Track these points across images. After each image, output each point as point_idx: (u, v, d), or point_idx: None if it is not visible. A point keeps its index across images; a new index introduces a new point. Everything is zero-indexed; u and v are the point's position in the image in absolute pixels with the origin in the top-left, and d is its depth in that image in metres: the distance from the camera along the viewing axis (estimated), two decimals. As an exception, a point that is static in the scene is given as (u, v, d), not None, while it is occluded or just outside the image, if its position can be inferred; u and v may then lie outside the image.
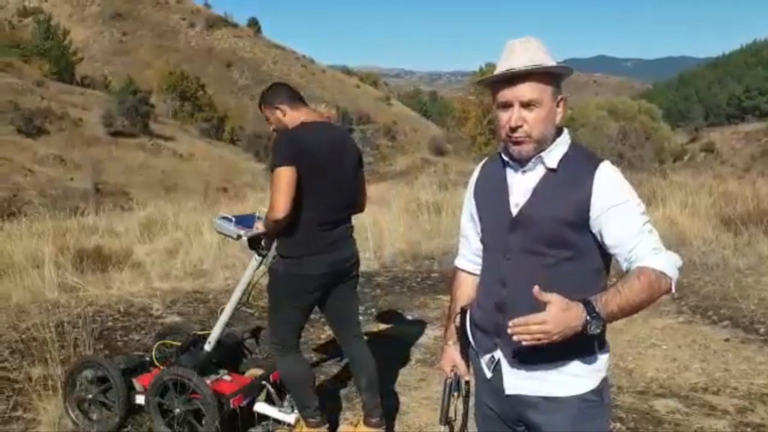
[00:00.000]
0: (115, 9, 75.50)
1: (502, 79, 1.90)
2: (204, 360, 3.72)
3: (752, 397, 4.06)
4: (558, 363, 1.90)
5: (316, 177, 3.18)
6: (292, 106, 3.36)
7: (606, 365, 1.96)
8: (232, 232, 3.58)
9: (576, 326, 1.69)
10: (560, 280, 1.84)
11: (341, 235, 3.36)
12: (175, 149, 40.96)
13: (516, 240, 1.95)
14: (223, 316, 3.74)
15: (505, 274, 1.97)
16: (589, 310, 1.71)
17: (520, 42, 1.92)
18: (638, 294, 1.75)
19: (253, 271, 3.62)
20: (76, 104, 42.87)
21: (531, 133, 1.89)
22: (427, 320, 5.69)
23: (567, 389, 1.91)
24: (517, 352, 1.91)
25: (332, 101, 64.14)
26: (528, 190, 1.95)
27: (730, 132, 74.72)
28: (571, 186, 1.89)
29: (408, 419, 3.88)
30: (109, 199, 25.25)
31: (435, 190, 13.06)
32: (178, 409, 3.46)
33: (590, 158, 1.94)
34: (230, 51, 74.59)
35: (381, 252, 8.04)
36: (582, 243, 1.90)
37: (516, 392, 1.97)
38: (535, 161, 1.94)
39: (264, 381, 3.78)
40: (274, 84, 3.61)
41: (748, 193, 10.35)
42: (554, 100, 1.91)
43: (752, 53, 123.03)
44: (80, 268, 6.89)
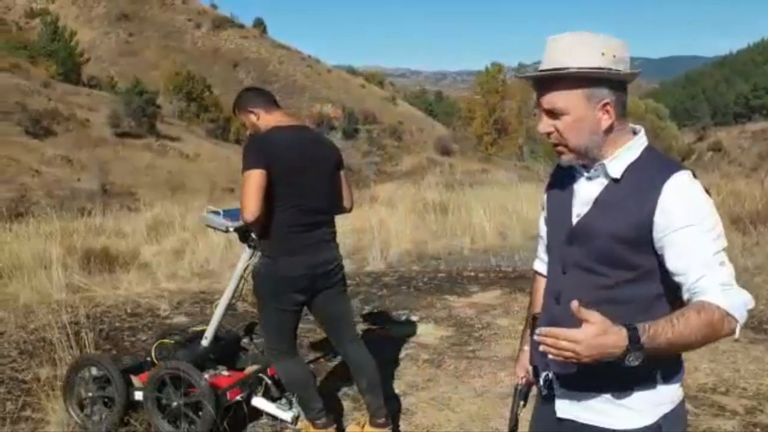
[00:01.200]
0: (122, 10, 75.74)
1: (532, 81, 1.75)
2: (201, 355, 3.74)
3: (761, 398, 4.04)
4: (611, 392, 1.72)
5: (288, 179, 3.23)
6: (266, 110, 3.41)
7: (671, 399, 1.74)
8: (220, 225, 3.61)
9: (613, 354, 1.49)
10: (618, 304, 1.67)
11: (320, 237, 3.38)
12: (181, 150, 41.06)
13: (573, 254, 1.77)
14: (218, 311, 3.77)
15: (560, 290, 1.80)
16: (632, 339, 1.48)
17: (557, 39, 1.70)
18: (695, 331, 1.51)
19: (244, 263, 3.63)
20: (82, 105, 43.01)
21: (565, 143, 1.72)
22: (434, 320, 5.69)
23: (620, 422, 1.72)
24: (569, 374, 1.74)
25: (338, 101, 64.22)
26: (590, 200, 1.75)
27: (738, 131, 74.46)
28: (634, 199, 1.66)
29: (416, 419, 3.87)
30: (115, 200, 25.28)
31: (441, 190, 13.05)
32: (176, 403, 3.48)
33: (663, 167, 1.67)
34: (236, 51, 74.72)
35: (387, 252, 8.04)
36: (647, 264, 1.68)
37: (566, 416, 1.82)
38: (598, 168, 1.74)
39: (261, 374, 3.80)
40: (248, 88, 3.68)
41: (757, 192, 10.30)
42: (591, 105, 1.67)
43: (760, 51, 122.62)
44: (87, 268, 6.92)
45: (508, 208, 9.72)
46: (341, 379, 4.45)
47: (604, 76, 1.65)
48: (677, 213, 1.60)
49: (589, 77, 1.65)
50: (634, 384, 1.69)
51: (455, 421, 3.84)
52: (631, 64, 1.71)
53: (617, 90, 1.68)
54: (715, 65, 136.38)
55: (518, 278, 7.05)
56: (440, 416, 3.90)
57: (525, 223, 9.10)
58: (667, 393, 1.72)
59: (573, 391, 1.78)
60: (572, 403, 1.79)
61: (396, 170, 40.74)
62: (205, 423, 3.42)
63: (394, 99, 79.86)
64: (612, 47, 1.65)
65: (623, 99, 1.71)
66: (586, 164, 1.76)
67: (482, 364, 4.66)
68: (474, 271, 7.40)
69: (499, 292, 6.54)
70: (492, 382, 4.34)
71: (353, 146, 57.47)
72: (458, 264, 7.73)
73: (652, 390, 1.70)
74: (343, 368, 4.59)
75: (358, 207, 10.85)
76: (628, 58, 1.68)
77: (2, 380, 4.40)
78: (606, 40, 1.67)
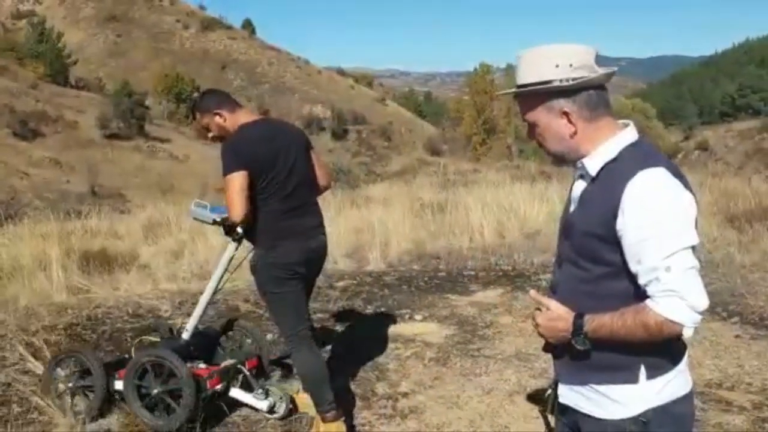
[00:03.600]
0: (109, 11, 75.31)
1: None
2: (182, 346, 3.80)
3: (767, 393, 4.08)
4: (597, 383, 1.82)
5: (268, 173, 3.39)
6: (230, 111, 3.53)
7: (658, 395, 1.78)
8: (207, 218, 3.70)
9: (564, 336, 1.79)
10: (599, 298, 1.77)
11: (310, 224, 3.59)
12: (171, 151, 40.90)
13: (564, 248, 1.90)
14: (199, 305, 3.85)
15: (556, 282, 1.96)
16: (576, 326, 1.75)
17: (521, 56, 1.82)
18: (631, 331, 1.68)
19: (229, 255, 3.72)
20: (71, 107, 42.76)
21: (546, 150, 1.89)
22: (437, 319, 5.70)
23: (605, 412, 1.82)
24: (563, 366, 1.91)
25: (328, 102, 64.16)
26: (577, 198, 1.87)
27: (724, 130, 74.96)
28: (603, 197, 1.74)
29: (426, 418, 3.87)
30: (105, 202, 25.12)
31: (436, 189, 13.08)
32: (156, 390, 3.54)
33: (633, 165, 1.71)
34: (225, 53, 74.48)
35: (387, 251, 8.04)
36: (620, 261, 1.73)
37: (567, 402, 1.93)
38: (581, 167, 1.84)
39: (240, 366, 3.87)
40: (208, 90, 3.77)
41: (748, 191, 10.40)
42: (552, 116, 1.79)
43: (744, 51, 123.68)
44: (87, 270, 6.87)
45: (505, 206, 9.74)
46: (351, 376, 4.46)
47: (552, 89, 1.75)
48: (631, 213, 1.65)
49: (544, 91, 1.77)
50: (617, 376, 1.78)
51: (465, 419, 3.85)
52: (602, 62, 1.78)
53: (577, 96, 1.76)
54: (701, 65, 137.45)
55: (518, 276, 7.08)
56: (450, 414, 3.91)
57: (522, 222, 9.14)
58: (651, 388, 1.77)
59: (570, 379, 1.90)
60: (569, 390, 1.91)
61: (386, 170, 40.72)
62: (185, 410, 3.49)
63: (384, 100, 79.89)
64: (569, 56, 1.74)
65: (592, 100, 1.77)
66: (576, 164, 1.86)
67: (488, 362, 4.68)
68: (474, 269, 7.42)
69: (500, 290, 6.56)
70: (499, 380, 4.36)
71: (343, 147, 57.47)
72: (458, 263, 7.74)
73: (635, 384, 1.76)
74: (353, 366, 4.61)
75: (355, 207, 10.86)
76: (591, 63, 1.75)
77: (8, 383, 4.36)
78: (562, 49, 1.76)
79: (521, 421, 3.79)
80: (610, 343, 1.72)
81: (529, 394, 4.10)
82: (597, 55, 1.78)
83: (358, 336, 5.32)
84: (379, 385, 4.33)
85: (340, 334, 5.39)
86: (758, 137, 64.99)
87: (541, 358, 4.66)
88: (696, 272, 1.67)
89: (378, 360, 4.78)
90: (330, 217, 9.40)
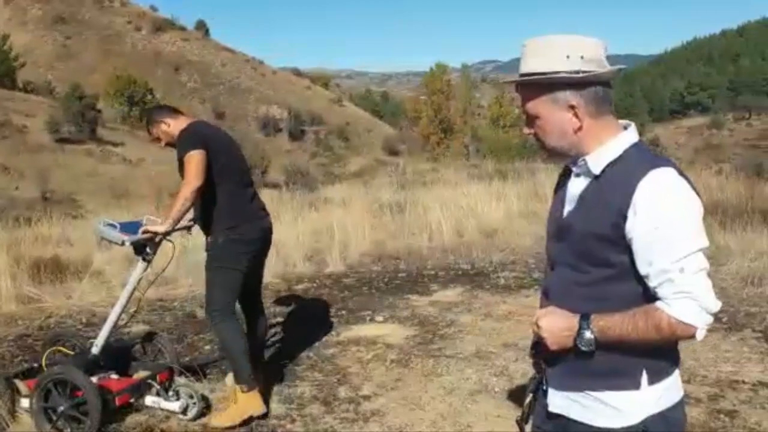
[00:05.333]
0: (58, 12, 73.53)
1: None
2: (90, 361, 3.83)
3: (722, 384, 4.16)
4: (595, 389, 1.73)
5: (223, 156, 3.78)
6: (173, 117, 3.93)
7: (657, 401, 1.71)
8: (116, 238, 3.72)
9: (567, 336, 1.68)
10: (600, 301, 1.69)
11: (262, 206, 4.05)
12: (124, 155, 40.15)
13: (559, 250, 1.81)
14: (108, 321, 3.89)
15: (549, 286, 1.87)
16: (581, 326, 1.66)
17: (528, 43, 1.73)
18: (642, 333, 1.61)
19: (139, 275, 3.84)
20: (19, 111, 41.63)
21: (543, 144, 1.78)
22: (398, 320, 5.69)
23: (602, 420, 1.73)
24: (556, 371, 1.81)
25: (284, 103, 63.76)
26: (575, 197, 1.77)
27: (674, 127, 76.92)
28: (611, 196, 1.66)
29: (388, 420, 3.85)
30: (57, 208, 24.49)
31: (395, 189, 13.09)
32: (62, 407, 3.56)
33: (642, 164, 1.64)
34: (178, 54, 73.35)
35: (346, 253, 8.00)
36: (626, 262, 1.66)
37: (557, 411, 1.83)
38: (582, 165, 1.75)
39: (151, 381, 3.89)
40: (152, 107, 4.20)
41: (700, 186, 10.63)
42: (558, 108, 1.70)
43: (693, 50, 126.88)
44: (38, 278, 6.67)
45: (463, 206, 9.80)
46: (312, 380, 4.42)
47: (562, 80, 1.66)
48: (644, 214, 1.59)
49: (551, 82, 1.67)
50: (617, 382, 1.70)
51: (427, 420, 3.84)
52: (611, 58, 1.71)
53: (585, 90, 1.68)
54: (651, 63, 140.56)
55: (477, 275, 7.12)
56: (412, 416, 3.90)
57: (480, 221, 9.20)
58: (652, 394, 1.70)
59: (562, 386, 1.80)
60: (561, 397, 1.81)
61: (345, 171, 40.65)
62: (93, 424, 3.51)
63: (340, 100, 79.76)
64: (579, 48, 1.66)
65: (599, 96, 1.70)
66: (576, 161, 1.76)
67: (449, 362, 4.68)
68: (434, 269, 7.43)
69: (459, 289, 6.59)
70: (460, 379, 4.36)
71: (300, 148, 57.16)
72: (418, 263, 7.75)
73: (636, 390, 1.69)
74: (314, 370, 4.57)
75: (314, 209, 10.79)
76: (601, 57, 1.68)
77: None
78: (573, 41, 1.68)
79: (483, 420, 3.80)
80: (614, 345, 1.65)
81: (501, 396, 4.11)
82: (606, 50, 1.71)
83: (319, 339, 5.27)
84: (341, 388, 4.30)
85: (300, 337, 5.33)
86: (707, 133, 66.83)
87: (501, 356, 4.69)
88: (707, 274, 1.62)
89: (339, 363, 4.74)
90: (288, 221, 9.34)
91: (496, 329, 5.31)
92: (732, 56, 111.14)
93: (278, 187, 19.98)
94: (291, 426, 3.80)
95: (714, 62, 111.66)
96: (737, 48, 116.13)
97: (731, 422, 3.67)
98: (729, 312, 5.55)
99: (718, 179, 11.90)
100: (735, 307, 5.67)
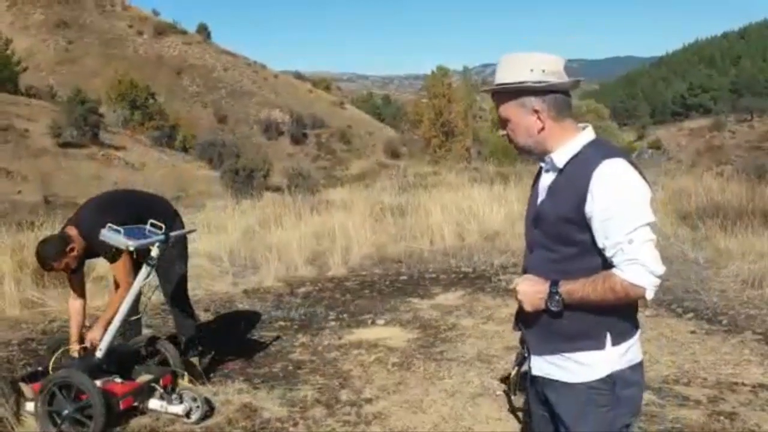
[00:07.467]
0: (60, 17, 73.61)
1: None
2: (94, 365, 3.88)
3: (722, 387, 4.18)
4: (567, 351, 2.03)
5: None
6: (78, 235, 3.99)
7: (620, 358, 2.01)
8: (121, 243, 3.76)
9: (541, 299, 1.99)
10: (569, 275, 1.98)
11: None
12: (126, 159, 40.11)
13: (536, 235, 2.12)
14: (112, 325, 3.93)
15: (528, 266, 2.16)
16: (552, 290, 1.97)
17: (501, 60, 2.07)
18: (601, 295, 1.92)
19: (143, 279, 3.93)
20: (21, 115, 41.64)
21: (515, 144, 2.13)
22: (399, 323, 5.71)
23: (575, 376, 2.03)
24: (535, 338, 2.11)
25: (286, 106, 63.78)
26: (546, 189, 2.09)
27: (676, 129, 76.81)
28: (572, 185, 1.98)
29: (390, 423, 3.87)
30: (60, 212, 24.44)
31: (396, 192, 13.10)
32: (67, 411, 3.61)
33: (597, 156, 1.96)
34: (180, 58, 73.33)
35: (348, 256, 8.02)
36: (588, 240, 1.97)
37: (538, 373, 2.14)
38: (549, 162, 2.08)
39: (154, 384, 3.94)
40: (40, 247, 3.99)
41: (701, 189, 10.66)
42: (524, 112, 2.04)
43: (694, 51, 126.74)
44: (41, 283, 6.69)
45: (464, 209, 9.82)
46: (314, 384, 4.44)
47: (527, 88, 2.00)
48: (599, 197, 1.90)
49: (518, 90, 2.02)
50: (585, 343, 2.01)
51: (429, 423, 3.86)
52: (571, 72, 2.07)
53: (547, 96, 2.01)
54: (652, 65, 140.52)
55: (478, 278, 7.14)
56: (414, 419, 3.92)
57: (482, 224, 9.22)
58: (616, 352, 2.01)
59: (540, 351, 2.11)
60: (540, 360, 2.12)
61: (346, 174, 40.62)
62: (97, 427, 3.55)
63: (342, 103, 79.69)
64: (542, 63, 2.00)
65: (559, 102, 2.03)
66: (543, 158, 2.10)
67: (450, 365, 4.70)
68: (435, 272, 7.46)
69: (461, 292, 6.61)
70: (462, 383, 4.38)
71: (302, 151, 57.12)
72: (419, 266, 7.77)
73: (602, 350, 2.00)
74: (316, 373, 4.58)
75: (315, 213, 10.80)
76: (560, 71, 2.02)
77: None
78: (537, 57, 2.02)
79: (485, 423, 3.82)
80: (580, 308, 1.96)
81: (503, 399, 4.12)
82: (566, 65, 2.05)
83: (320, 343, 5.30)
84: (343, 392, 4.32)
85: (303, 341, 5.36)
86: (709, 135, 66.76)
87: (503, 359, 4.71)
88: (653, 244, 1.93)
89: (341, 366, 4.77)
90: (290, 224, 9.37)
91: (498, 332, 5.32)
92: (733, 58, 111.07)
93: (280, 190, 20.01)
94: (293, 429, 3.83)
95: (716, 64, 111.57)
96: (739, 50, 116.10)
97: (731, 424, 3.69)
98: (729, 314, 5.58)
99: (719, 181, 11.91)
100: (735, 310, 5.70)
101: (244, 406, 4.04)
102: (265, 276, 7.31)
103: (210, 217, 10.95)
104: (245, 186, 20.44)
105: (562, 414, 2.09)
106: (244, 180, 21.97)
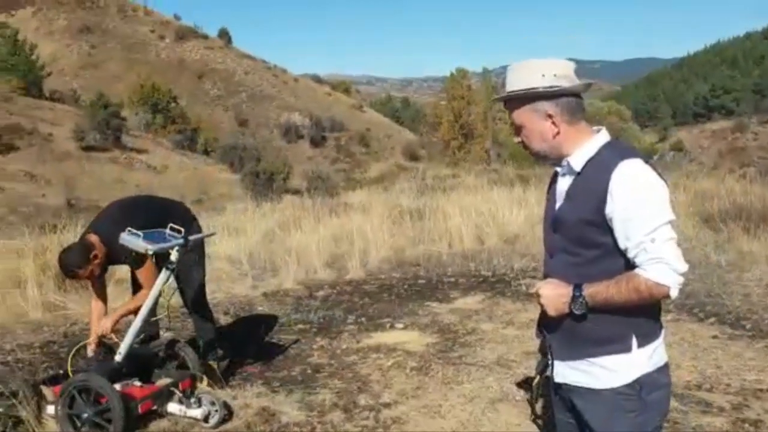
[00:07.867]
0: (83, 22, 74.49)
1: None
2: (114, 369, 3.90)
3: (746, 393, 4.11)
4: (592, 355, 2.02)
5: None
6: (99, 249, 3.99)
7: (647, 362, 2.00)
8: (140, 247, 3.79)
9: (564, 303, 1.98)
10: (591, 277, 1.97)
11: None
12: (148, 162, 40.49)
13: (556, 240, 2.11)
14: (132, 328, 3.97)
15: (549, 272, 2.15)
16: (575, 293, 1.95)
17: (511, 67, 2.09)
18: (625, 295, 1.90)
19: (162, 282, 3.96)
20: (45, 119, 42.20)
21: (529, 149, 2.13)
22: (418, 327, 5.69)
23: (602, 382, 2.01)
24: (559, 343, 2.10)
25: (305, 110, 63.98)
26: (563, 193, 2.09)
27: (698, 130, 75.95)
28: (592, 187, 1.97)
29: (408, 428, 3.85)
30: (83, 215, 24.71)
31: (415, 195, 13.09)
32: (86, 414, 3.63)
33: (614, 157, 1.96)
34: (201, 62, 73.86)
35: (366, 259, 8.02)
36: (610, 242, 1.97)
37: (562, 380, 2.12)
38: (566, 166, 2.08)
39: (173, 388, 3.94)
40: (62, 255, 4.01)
41: (724, 191, 10.52)
42: (537, 117, 2.05)
43: (716, 53, 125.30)
44: (63, 286, 6.76)
45: (483, 212, 9.77)
46: (333, 388, 4.43)
47: (539, 93, 2.01)
48: (618, 198, 1.90)
49: (530, 95, 2.03)
50: (611, 347, 1.99)
51: (447, 428, 3.84)
52: (589, 73, 1.92)
53: (560, 100, 2.02)
54: (674, 67, 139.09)
55: (498, 282, 7.10)
56: (432, 424, 3.90)
57: (501, 227, 9.16)
58: (643, 356, 1.99)
59: (565, 357, 2.09)
60: (564, 366, 2.10)
61: (365, 177, 40.66)
62: (117, 430, 3.57)
63: (361, 106, 79.80)
64: (552, 68, 2.02)
65: (572, 105, 2.04)
66: (559, 163, 2.10)
67: (470, 369, 4.67)
68: (454, 276, 7.43)
69: (480, 296, 6.57)
70: (481, 388, 4.35)
71: (321, 154, 57.30)
72: (438, 269, 7.75)
73: (628, 353, 1.98)
74: (334, 377, 4.58)
75: (334, 215, 10.81)
76: (571, 74, 2.04)
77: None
78: (547, 63, 2.04)
79: (504, 428, 3.79)
80: (604, 311, 1.94)
81: (522, 405, 4.09)
82: (576, 69, 2.06)
83: (339, 346, 5.30)
84: (361, 396, 4.31)
85: (321, 344, 5.36)
86: (731, 137, 65.97)
87: (522, 364, 4.67)
88: (675, 242, 1.92)
89: (359, 371, 4.76)
90: (309, 227, 9.38)
91: (518, 337, 5.28)
92: (756, 59, 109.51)
93: (299, 193, 20.08)
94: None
95: (738, 65, 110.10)
96: (762, 50, 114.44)
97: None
98: (753, 319, 5.49)
99: (742, 183, 11.74)
100: (759, 315, 5.60)
101: (263, 410, 4.04)
102: (285, 279, 7.33)
103: (230, 220, 11.01)
104: (265, 189, 20.57)
105: (591, 421, 2.07)
106: (264, 183, 22.12)
